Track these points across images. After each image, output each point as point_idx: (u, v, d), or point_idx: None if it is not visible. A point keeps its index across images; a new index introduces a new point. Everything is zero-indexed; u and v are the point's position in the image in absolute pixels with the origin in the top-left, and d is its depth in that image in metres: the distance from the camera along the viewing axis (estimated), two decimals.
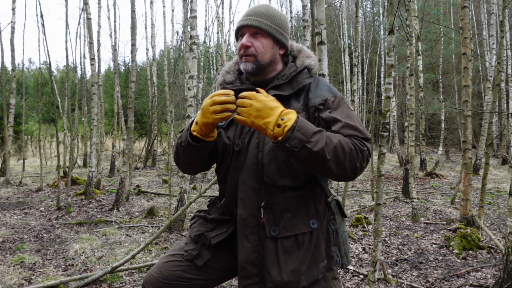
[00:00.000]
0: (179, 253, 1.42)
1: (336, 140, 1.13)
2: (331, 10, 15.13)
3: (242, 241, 1.28)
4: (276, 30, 1.35)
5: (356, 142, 1.18)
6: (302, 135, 1.10)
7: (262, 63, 1.34)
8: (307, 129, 1.12)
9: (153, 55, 13.41)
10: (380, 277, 3.07)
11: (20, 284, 2.99)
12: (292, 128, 1.10)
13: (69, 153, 7.17)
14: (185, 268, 1.38)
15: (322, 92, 1.31)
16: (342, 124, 1.21)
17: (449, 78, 15.84)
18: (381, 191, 2.45)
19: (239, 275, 1.29)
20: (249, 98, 1.15)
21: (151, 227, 4.83)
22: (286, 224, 1.26)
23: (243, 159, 1.30)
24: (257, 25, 1.32)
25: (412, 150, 5.57)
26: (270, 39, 1.35)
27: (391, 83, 2.60)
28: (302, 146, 1.10)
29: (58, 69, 31.92)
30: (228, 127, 1.38)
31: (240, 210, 1.28)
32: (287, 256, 1.24)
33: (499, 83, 4.47)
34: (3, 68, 9.45)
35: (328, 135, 1.14)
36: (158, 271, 1.38)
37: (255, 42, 1.33)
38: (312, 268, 1.26)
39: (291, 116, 1.12)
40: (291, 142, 1.09)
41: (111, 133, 15.43)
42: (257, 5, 1.38)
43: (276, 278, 1.23)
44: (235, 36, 1.42)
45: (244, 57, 1.33)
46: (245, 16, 1.35)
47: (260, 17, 1.33)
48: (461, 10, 4.71)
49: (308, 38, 3.72)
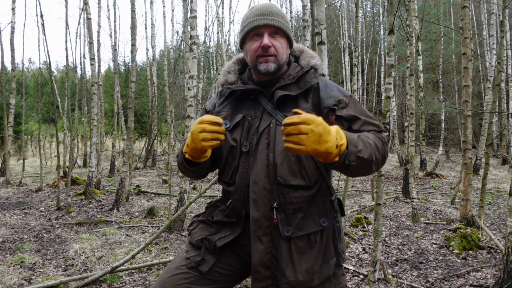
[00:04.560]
0: (182, 264, 1.34)
1: (372, 141, 1.16)
2: (331, 10, 15.13)
3: (255, 243, 1.25)
4: (290, 30, 1.36)
5: (379, 136, 1.23)
6: (354, 147, 1.09)
7: (281, 63, 1.33)
8: (354, 139, 1.10)
9: (153, 55, 13.41)
10: (380, 277, 3.07)
11: (20, 284, 2.99)
12: (346, 145, 1.07)
13: (69, 153, 7.17)
14: (192, 279, 1.30)
15: (334, 93, 1.31)
16: (362, 121, 1.26)
17: (449, 78, 15.83)
18: (381, 191, 2.45)
19: (253, 278, 1.27)
20: (305, 123, 1.01)
21: (151, 227, 4.83)
22: (299, 224, 1.26)
23: (252, 160, 1.28)
24: (276, 25, 1.30)
25: (412, 150, 5.57)
26: (285, 39, 1.35)
27: (391, 83, 2.60)
28: (357, 157, 1.09)
29: (58, 69, 31.94)
30: (233, 129, 1.35)
31: (253, 212, 1.26)
32: (301, 255, 1.24)
33: (499, 83, 4.47)
34: (3, 68, 9.45)
35: (364, 138, 1.16)
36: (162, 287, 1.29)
37: (274, 42, 1.31)
38: (324, 266, 1.26)
39: (341, 132, 1.08)
40: (349, 157, 1.07)
41: (111, 133, 15.43)
42: (267, 4, 1.35)
43: (291, 278, 1.22)
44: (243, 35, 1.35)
45: (265, 57, 1.30)
46: (260, 15, 1.31)
47: (276, 16, 1.31)
48: (461, 10, 4.71)
49: (308, 38, 3.72)
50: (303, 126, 1.01)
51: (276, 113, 1.31)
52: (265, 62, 1.30)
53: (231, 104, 1.41)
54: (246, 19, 1.35)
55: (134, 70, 6.29)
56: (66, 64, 7.68)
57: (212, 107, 1.47)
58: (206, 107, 1.50)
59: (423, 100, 7.48)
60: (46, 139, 17.85)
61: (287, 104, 1.32)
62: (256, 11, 1.33)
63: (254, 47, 1.31)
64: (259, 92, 1.36)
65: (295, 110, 1.08)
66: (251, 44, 1.32)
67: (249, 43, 1.33)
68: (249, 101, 1.38)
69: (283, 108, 1.32)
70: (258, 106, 1.36)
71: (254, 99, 1.38)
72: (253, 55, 1.32)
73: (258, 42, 1.31)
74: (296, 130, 1.01)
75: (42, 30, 12.55)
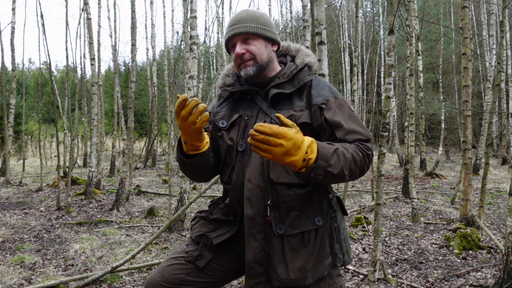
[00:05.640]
0: (181, 255, 1.39)
1: (348, 155, 1.17)
2: (331, 10, 15.12)
3: (249, 240, 1.28)
4: (263, 29, 1.37)
5: (362, 147, 1.23)
6: (325, 162, 1.10)
7: (261, 63, 1.36)
8: (327, 154, 1.12)
9: (153, 55, 13.41)
10: (380, 277, 3.07)
11: (20, 284, 2.99)
12: (315, 160, 1.09)
13: (69, 153, 7.17)
14: (188, 271, 1.35)
15: (324, 92, 1.33)
16: (346, 130, 1.25)
17: (449, 78, 15.83)
18: (381, 191, 2.45)
19: (246, 275, 1.29)
20: (276, 136, 1.03)
21: (151, 227, 4.83)
22: (293, 222, 1.27)
23: (248, 158, 1.31)
24: (244, 30, 1.35)
25: (412, 150, 5.57)
26: (261, 39, 1.38)
27: (391, 83, 2.60)
28: (325, 172, 1.11)
29: (58, 69, 31.94)
30: (230, 129, 1.38)
31: (247, 209, 1.28)
32: (294, 254, 1.25)
33: (499, 83, 4.47)
34: (3, 68, 9.45)
35: (341, 151, 1.16)
36: (160, 275, 1.35)
37: (249, 47, 1.35)
38: (318, 265, 1.27)
39: (314, 146, 1.10)
40: (315, 171, 1.10)
41: (111, 133, 15.43)
42: (238, 12, 1.40)
43: (283, 276, 1.23)
44: (226, 49, 1.45)
45: (242, 64, 1.36)
46: (230, 27, 1.37)
47: (244, 22, 1.36)
48: (461, 10, 4.71)
49: (308, 38, 3.72)
50: (272, 139, 1.03)
51: (271, 111, 1.33)
52: (244, 68, 1.36)
53: (229, 105, 1.45)
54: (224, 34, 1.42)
55: (134, 70, 6.29)
56: (66, 64, 7.68)
57: (211, 109, 1.50)
58: None
59: (423, 100, 7.48)
60: (46, 139, 17.85)
61: (282, 102, 1.35)
62: (229, 23, 1.40)
63: (234, 57, 1.38)
64: (256, 93, 1.39)
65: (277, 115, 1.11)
66: (232, 54, 1.40)
67: (232, 54, 1.41)
68: (246, 102, 1.42)
69: (278, 106, 1.34)
70: (255, 106, 1.39)
71: (251, 100, 1.41)
72: (236, 65, 1.39)
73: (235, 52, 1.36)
74: (266, 141, 1.03)
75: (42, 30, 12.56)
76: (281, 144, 1.03)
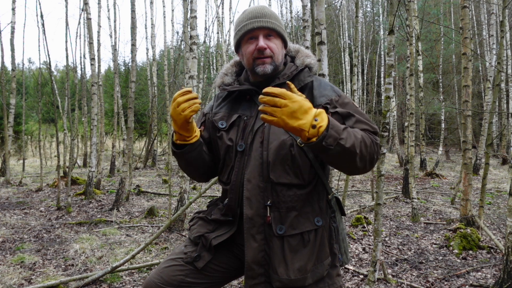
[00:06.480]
0: (179, 256, 1.39)
1: (359, 136, 1.15)
2: (331, 10, 15.13)
3: (249, 240, 1.27)
4: (284, 31, 1.37)
5: (371, 137, 1.21)
6: (336, 132, 1.09)
7: (277, 64, 1.35)
8: (338, 126, 1.11)
9: (153, 55, 13.41)
10: (380, 277, 3.07)
11: (20, 284, 2.99)
12: (327, 127, 1.08)
13: (69, 153, 7.17)
14: (187, 272, 1.35)
15: (327, 92, 1.32)
16: (356, 119, 1.24)
17: (449, 78, 15.82)
18: (381, 191, 2.45)
19: (246, 275, 1.29)
20: (282, 97, 1.04)
21: (151, 227, 4.83)
22: (292, 222, 1.26)
23: (247, 159, 1.30)
24: (271, 26, 1.32)
25: (412, 150, 5.57)
26: (280, 39, 1.37)
27: (391, 83, 2.60)
28: (337, 143, 1.09)
29: (58, 69, 31.91)
30: (229, 129, 1.37)
31: (246, 210, 1.28)
32: (294, 254, 1.24)
33: (499, 83, 4.47)
34: (3, 68, 9.46)
35: (352, 131, 1.15)
36: (159, 276, 1.34)
37: (270, 44, 1.33)
38: (317, 265, 1.27)
39: (324, 116, 1.09)
40: (327, 140, 1.07)
41: (111, 133, 15.43)
42: (260, 7, 1.37)
43: (283, 276, 1.23)
44: (238, 38, 1.37)
45: (261, 59, 1.32)
46: (253, 18, 1.33)
47: (270, 18, 1.33)
48: (461, 10, 4.71)
49: (308, 38, 3.72)
50: (278, 100, 1.04)
51: None
52: (262, 64, 1.32)
53: (228, 105, 1.44)
54: (239, 23, 1.37)
55: (134, 70, 6.29)
56: (66, 64, 7.68)
57: (209, 109, 1.49)
58: (204, 111, 1.53)
59: (423, 100, 7.48)
60: (46, 139, 17.85)
61: None
62: (249, 14, 1.35)
63: (250, 50, 1.33)
64: (255, 93, 1.38)
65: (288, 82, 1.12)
66: (247, 47, 1.34)
67: (245, 46, 1.35)
68: (245, 102, 1.41)
69: None
70: (254, 106, 1.38)
71: (250, 100, 1.40)
72: (250, 58, 1.34)
73: (254, 44, 1.32)
74: (272, 102, 1.04)
75: (42, 30, 12.56)
76: (286, 104, 1.03)
